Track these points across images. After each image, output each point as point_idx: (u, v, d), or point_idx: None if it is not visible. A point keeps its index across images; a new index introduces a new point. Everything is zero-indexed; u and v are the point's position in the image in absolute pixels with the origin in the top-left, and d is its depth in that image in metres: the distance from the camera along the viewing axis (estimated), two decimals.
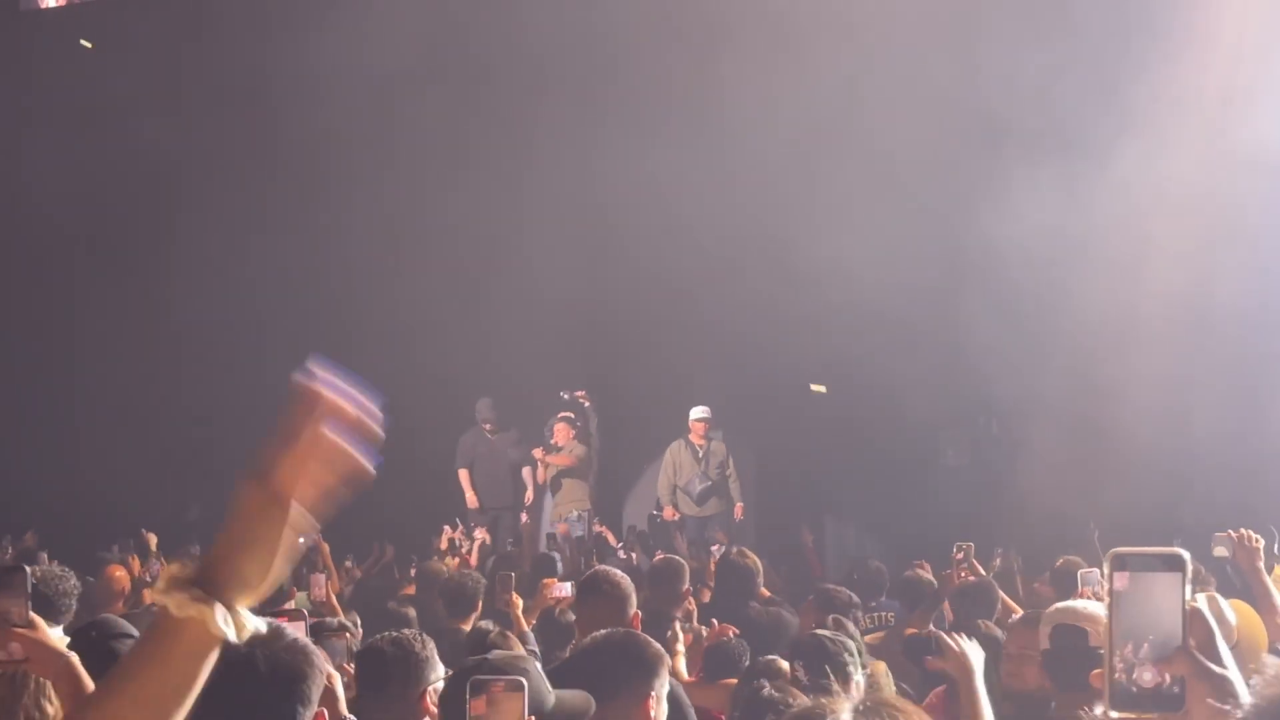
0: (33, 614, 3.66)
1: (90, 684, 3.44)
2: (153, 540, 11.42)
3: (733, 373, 14.49)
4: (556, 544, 14.01)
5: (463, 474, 15.20)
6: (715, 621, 6.69)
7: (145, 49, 15.37)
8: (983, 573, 8.85)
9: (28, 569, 3.72)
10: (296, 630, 3.19)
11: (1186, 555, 2.08)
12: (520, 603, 7.81)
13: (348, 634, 5.54)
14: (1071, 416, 12.43)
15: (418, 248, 14.77)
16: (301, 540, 1.97)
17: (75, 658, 3.59)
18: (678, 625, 6.10)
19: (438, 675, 4.05)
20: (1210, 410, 11.99)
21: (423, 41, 14.14)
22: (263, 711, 3.02)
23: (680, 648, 6.09)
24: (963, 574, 8.64)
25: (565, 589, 7.70)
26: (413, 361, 14.09)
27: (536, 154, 14.72)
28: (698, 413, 14.56)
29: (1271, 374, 12.25)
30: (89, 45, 16.44)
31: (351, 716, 3.92)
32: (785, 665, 5.60)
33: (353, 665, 4.59)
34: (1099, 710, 2.06)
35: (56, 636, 3.76)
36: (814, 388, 14.22)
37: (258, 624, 1.97)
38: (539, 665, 3.88)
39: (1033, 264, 12.29)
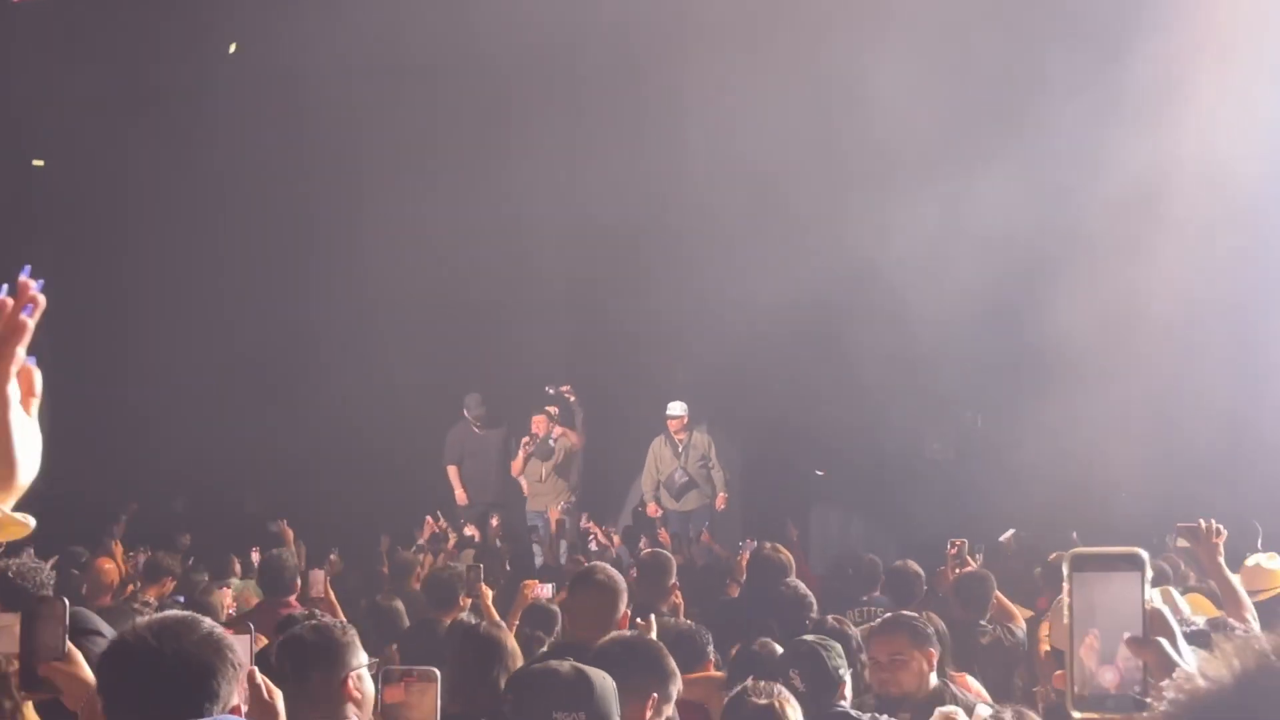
0: (70, 645, 3.63)
1: None
2: (118, 547, 11.39)
3: (717, 366, 14.51)
4: (537, 536, 14.04)
5: (451, 470, 15.17)
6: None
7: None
8: (975, 566, 8.86)
9: (65, 601, 3.66)
10: (213, 623, 3.18)
11: (1145, 555, 2.09)
12: (490, 593, 7.86)
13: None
14: (1057, 413, 12.46)
15: (407, 245, 14.78)
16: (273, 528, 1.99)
17: None
18: (652, 617, 6.11)
19: (360, 661, 4.07)
20: (1197, 406, 12.03)
21: (410, 41, 14.17)
22: (169, 704, 2.99)
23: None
24: (956, 570, 8.66)
25: (546, 590, 7.72)
26: (403, 357, 14.11)
27: (522, 155, 14.74)
28: (673, 409, 14.61)
29: (1262, 373, 12.30)
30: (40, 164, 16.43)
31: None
32: (777, 647, 5.66)
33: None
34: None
35: None
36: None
37: (26, 519, 1.96)
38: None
39: (1017, 259, 12.34)
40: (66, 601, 3.65)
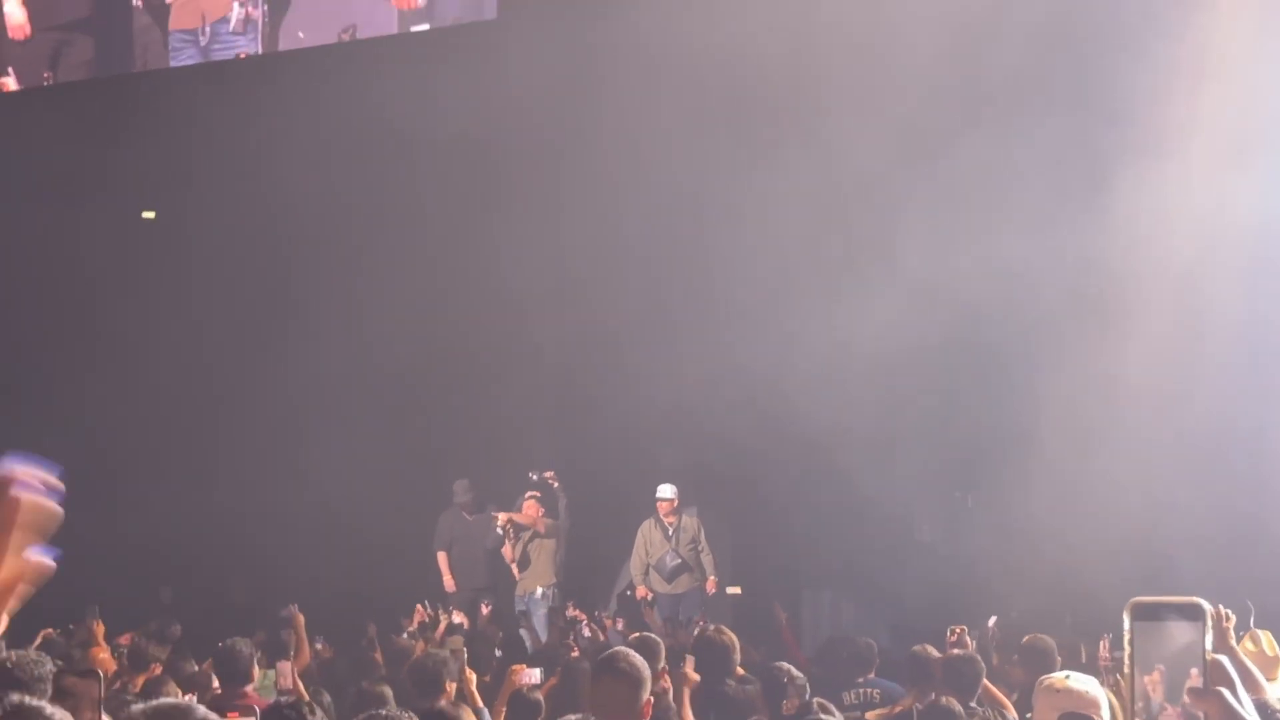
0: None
1: None
2: (100, 629, 11.29)
3: (705, 448, 14.52)
4: (526, 622, 13.97)
5: (441, 556, 15.11)
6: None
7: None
8: (974, 652, 8.79)
9: (100, 674, 3.63)
10: (206, 710, 3.15)
11: (1206, 605, 2.07)
12: (474, 677, 7.79)
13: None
14: (1046, 493, 12.46)
15: (392, 327, 14.83)
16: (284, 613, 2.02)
17: None
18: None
19: None
20: (1185, 484, 12.03)
21: (391, 115, 14.30)
22: None
23: None
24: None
25: (534, 675, 7.66)
26: (389, 440, 14.09)
27: (508, 234, 14.81)
28: (663, 491, 14.61)
29: (1249, 450, 12.31)
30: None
31: None
32: None
33: None
34: None
35: None
36: (730, 590, 14.32)
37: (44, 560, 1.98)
38: None
39: (1006, 339, 12.40)
40: (100, 674, 3.62)
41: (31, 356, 16.59)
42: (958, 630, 8.90)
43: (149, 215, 16.64)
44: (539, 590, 14.60)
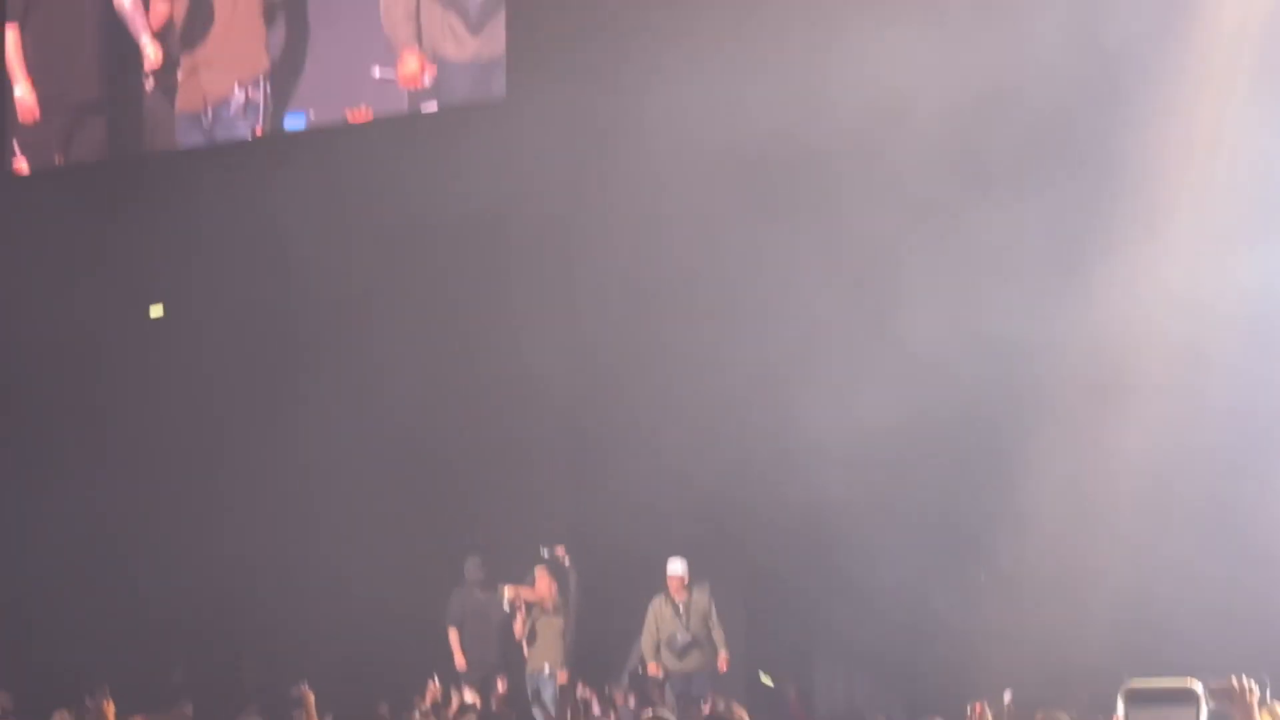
0: None
1: None
2: (110, 710, 11.23)
3: (717, 522, 14.49)
4: (538, 701, 13.90)
5: (452, 633, 15.04)
6: None
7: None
8: None
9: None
10: None
11: (1200, 689, 2.10)
12: None
13: None
14: (1052, 566, 12.46)
15: (402, 403, 14.86)
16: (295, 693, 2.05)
17: None
18: None
19: None
20: (1195, 555, 12.02)
21: (403, 194, 14.43)
22: None
23: None
24: None
25: None
26: (406, 516, 14.10)
27: (518, 308, 14.89)
28: (674, 567, 14.51)
29: (1255, 517, 12.31)
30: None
31: None
32: None
33: None
34: None
35: None
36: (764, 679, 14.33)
37: None
38: None
39: (1011, 412, 12.45)
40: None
41: (40, 435, 16.63)
42: (979, 707, 8.87)
43: (157, 310, 16.70)
44: (546, 668, 14.51)
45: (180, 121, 16.84)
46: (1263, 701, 7.88)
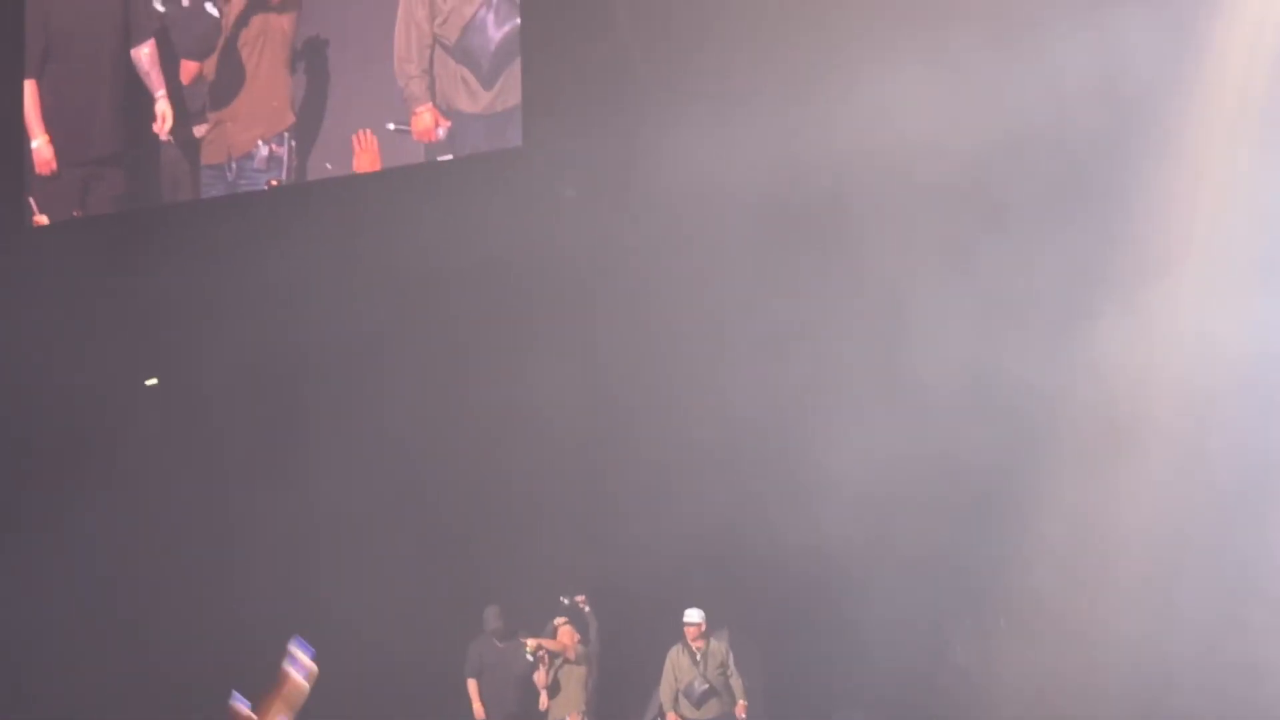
0: None
1: None
2: None
3: (733, 570, 14.47)
4: None
5: (471, 684, 15.00)
6: None
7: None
8: None
9: None
10: None
11: None
12: None
13: None
14: (1071, 611, 12.43)
15: (421, 452, 14.86)
16: None
17: None
18: None
19: None
20: (1207, 599, 12.01)
21: (423, 246, 14.48)
22: None
23: None
24: None
25: None
26: (422, 568, 14.05)
27: (534, 358, 14.92)
28: (690, 616, 14.51)
29: (1270, 562, 12.29)
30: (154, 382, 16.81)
31: None
32: None
33: None
34: None
35: None
36: None
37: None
38: None
39: (1030, 454, 12.46)
40: None
41: (56, 487, 16.63)
42: None
43: (152, 382, 16.76)
44: (567, 719, 14.48)
45: (204, 174, 16.97)
46: None
